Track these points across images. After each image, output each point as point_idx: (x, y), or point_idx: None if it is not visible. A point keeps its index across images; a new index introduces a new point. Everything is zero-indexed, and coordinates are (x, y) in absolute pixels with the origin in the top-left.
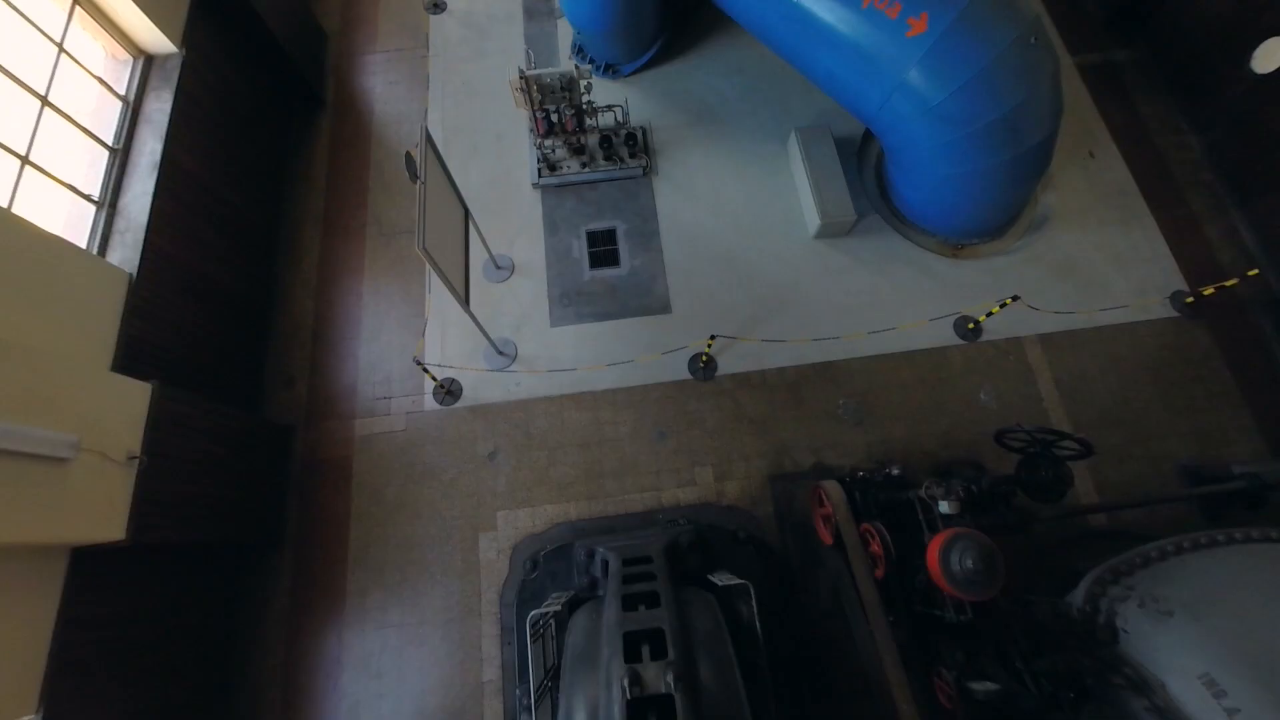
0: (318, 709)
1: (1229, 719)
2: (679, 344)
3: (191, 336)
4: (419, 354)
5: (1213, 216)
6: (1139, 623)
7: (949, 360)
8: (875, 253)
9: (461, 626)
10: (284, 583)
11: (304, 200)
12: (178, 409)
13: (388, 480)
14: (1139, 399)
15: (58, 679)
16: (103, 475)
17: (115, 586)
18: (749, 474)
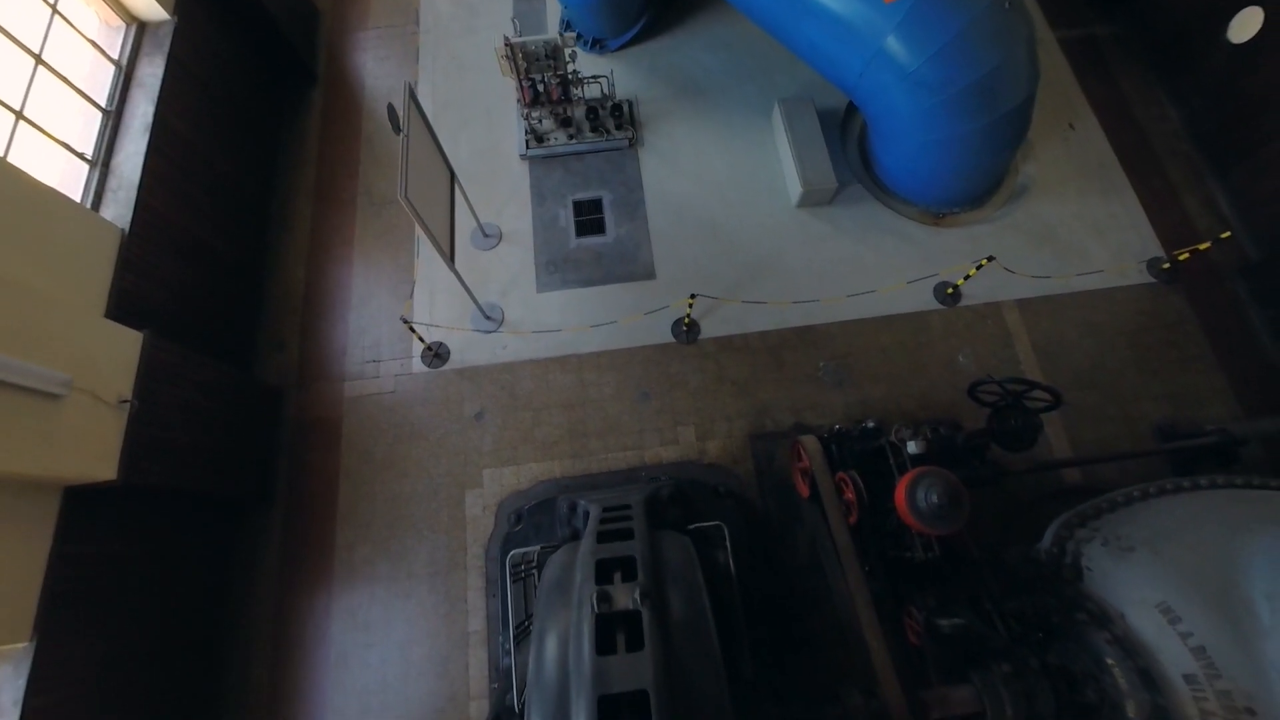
0: (307, 658)
1: (1183, 643)
2: (661, 299)
3: (183, 297)
4: (407, 313)
5: (1191, 186)
6: (1101, 560)
7: (928, 324)
8: (857, 221)
9: (447, 580)
10: (274, 538)
11: (296, 172)
12: (169, 359)
13: (376, 440)
14: (1115, 362)
15: (51, 611)
16: (94, 415)
17: (107, 527)
18: (730, 433)
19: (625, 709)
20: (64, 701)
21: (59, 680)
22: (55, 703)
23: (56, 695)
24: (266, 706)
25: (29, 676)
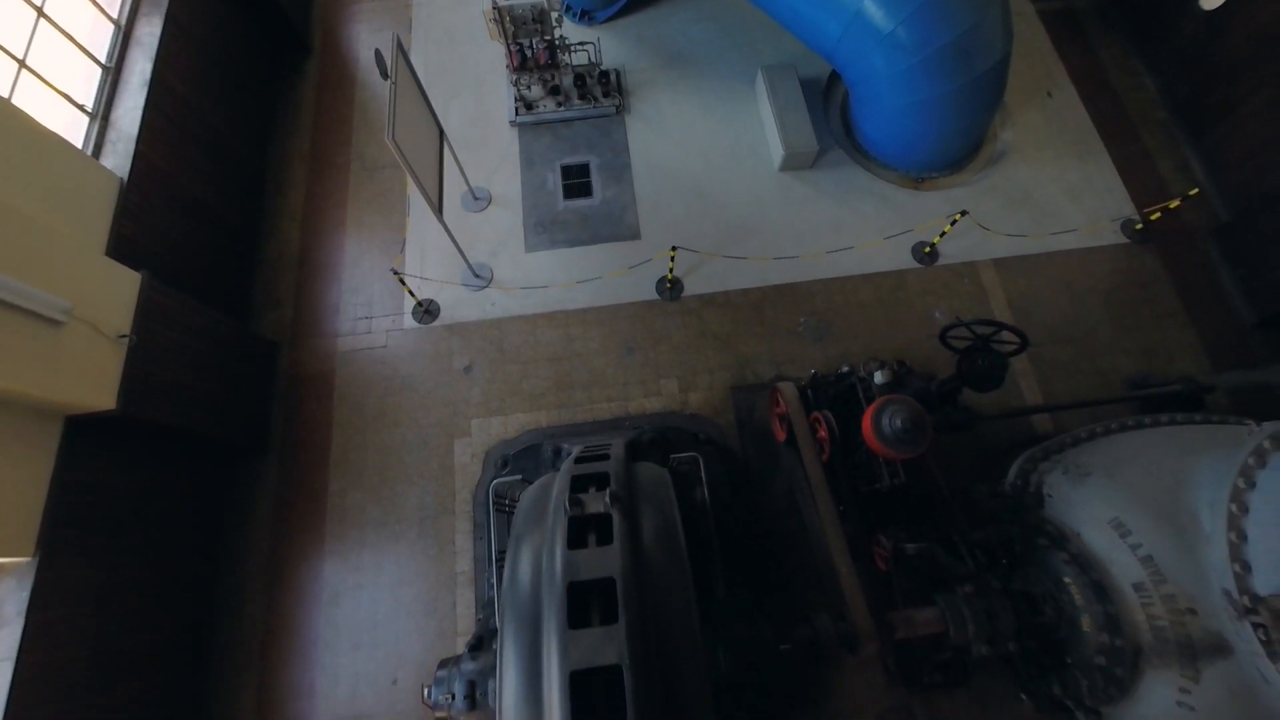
0: (300, 597)
1: (1133, 554)
2: (645, 256)
3: (180, 250)
4: (397, 266)
5: (1166, 152)
6: (1060, 486)
7: (906, 282)
8: (838, 185)
9: (436, 524)
10: (268, 485)
11: (290, 138)
12: (166, 302)
13: (368, 392)
14: (1088, 318)
15: (53, 532)
16: (94, 345)
17: (107, 459)
18: (712, 385)
19: (594, 598)
20: (64, 620)
21: (60, 599)
22: (56, 619)
23: (57, 612)
24: (260, 642)
25: (32, 590)
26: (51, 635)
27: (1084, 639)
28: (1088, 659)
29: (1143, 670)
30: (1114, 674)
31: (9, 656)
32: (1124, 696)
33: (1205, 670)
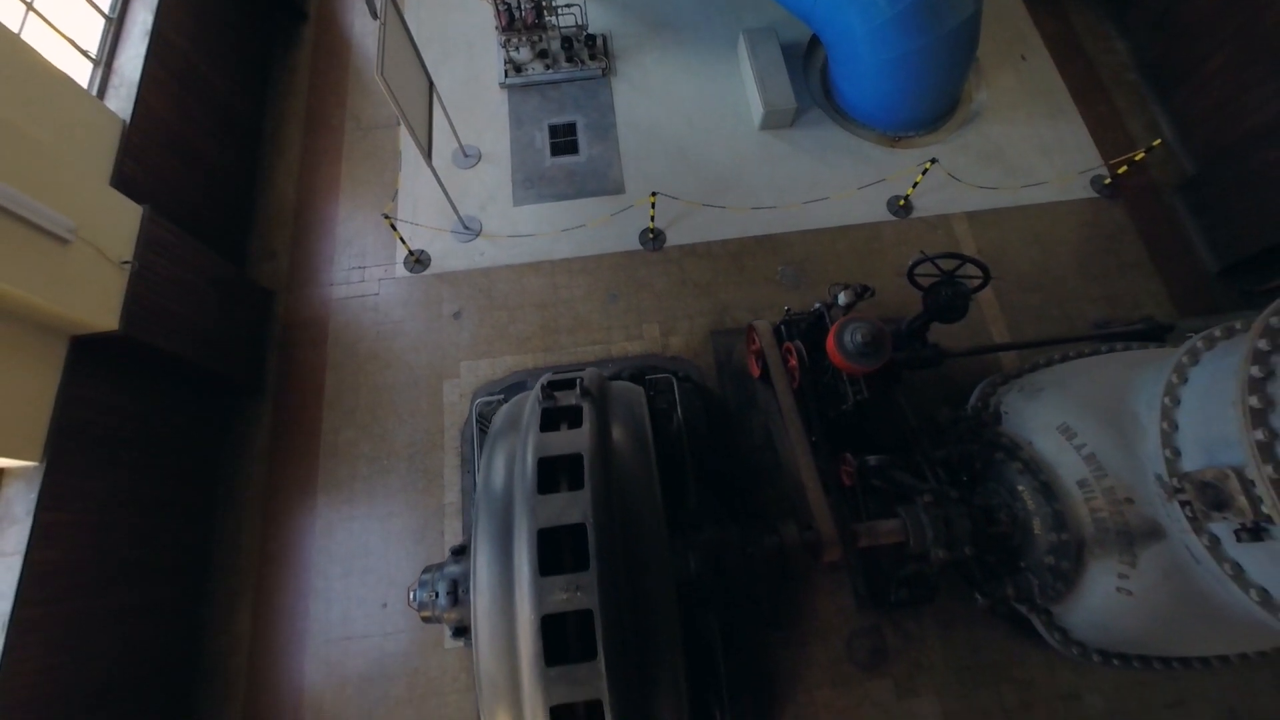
0: (294, 527)
1: (1077, 453)
2: (630, 215)
3: (180, 196)
4: (389, 212)
5: (1135, 112)
6: (1016, 403)
7: (881, 234)
8: (817, 143)
9: (425, 459)
10: (264, 423)
11: (286, 100)
12: (167, 237)
13: (361, 336)
14: (1057, 268)
15: (59, 441)
16: (97, 267)
17: (110, 380)
18: (692, 330)
19: (563, 474)
20: (69, 524)
21: (65, 504)
22: (62, 522)
23: (63, 516)
24: (255, 569)
25: (39, 493)
26: (57, 537)
27: (1035, 542)
28: (1039, 560)
29: (1086, 562)
30: (1061, 569)
31: (18, 551)
32: (1070, 590)
33: (1141, 554)
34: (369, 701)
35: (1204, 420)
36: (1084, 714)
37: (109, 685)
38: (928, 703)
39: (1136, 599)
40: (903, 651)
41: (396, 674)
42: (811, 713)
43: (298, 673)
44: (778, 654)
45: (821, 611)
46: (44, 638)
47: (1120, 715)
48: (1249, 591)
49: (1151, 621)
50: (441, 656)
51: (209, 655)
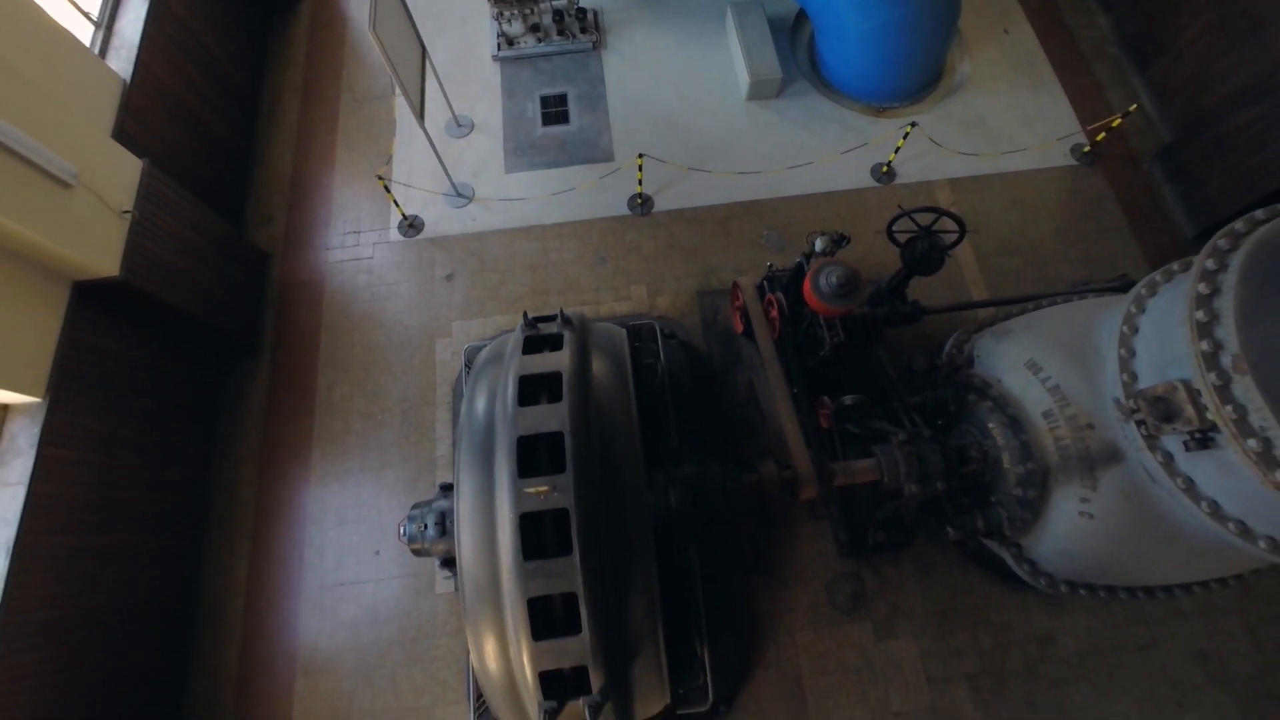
0: (290, 479)
1: (1043, 386)
2: (618, 179)
3: (179, 158)
4: (383, 173)
5: (1116, 84)
6: (987, 345)
7: (865, 200)
8: (802, 112)
9: (418, 414)
10: (260, 381)
11: (284, 72)
12: (167, 192)
13: (355, 298)
14: (1036, 232)
15: (61, 381)
16: (99, 214)
17: (110, 326)
18: (679, 291)
19: (543, 392)
20: (71, 461)
21: (67, 440)
22: (64, 458)
23: (65, 452)
24: (252, 519)
25: (42, 427)
26: (59, 472)
27: (1005, 476)
28: (1008, 494)
29: (1051, 489)
30: (1028, 498)
31: (22, 481)
32: (1036, 519)
33: (1101, 478)
34: (362, 644)
35: (1158, 344)
36: (1057, 656)
37: (109, 618)
38: (905, 644)
39: (1098, 522)
40: (881, 596)
41: (388, 618)
42: (792, 653)
43: (293, 617)
44: (759, 598)
45: (803, 558)
46: (47, 565)
47: (1092, 657)
48: (1200, 504)
49: (1113, 544)
50: (432, 601)
51: (207, 600)
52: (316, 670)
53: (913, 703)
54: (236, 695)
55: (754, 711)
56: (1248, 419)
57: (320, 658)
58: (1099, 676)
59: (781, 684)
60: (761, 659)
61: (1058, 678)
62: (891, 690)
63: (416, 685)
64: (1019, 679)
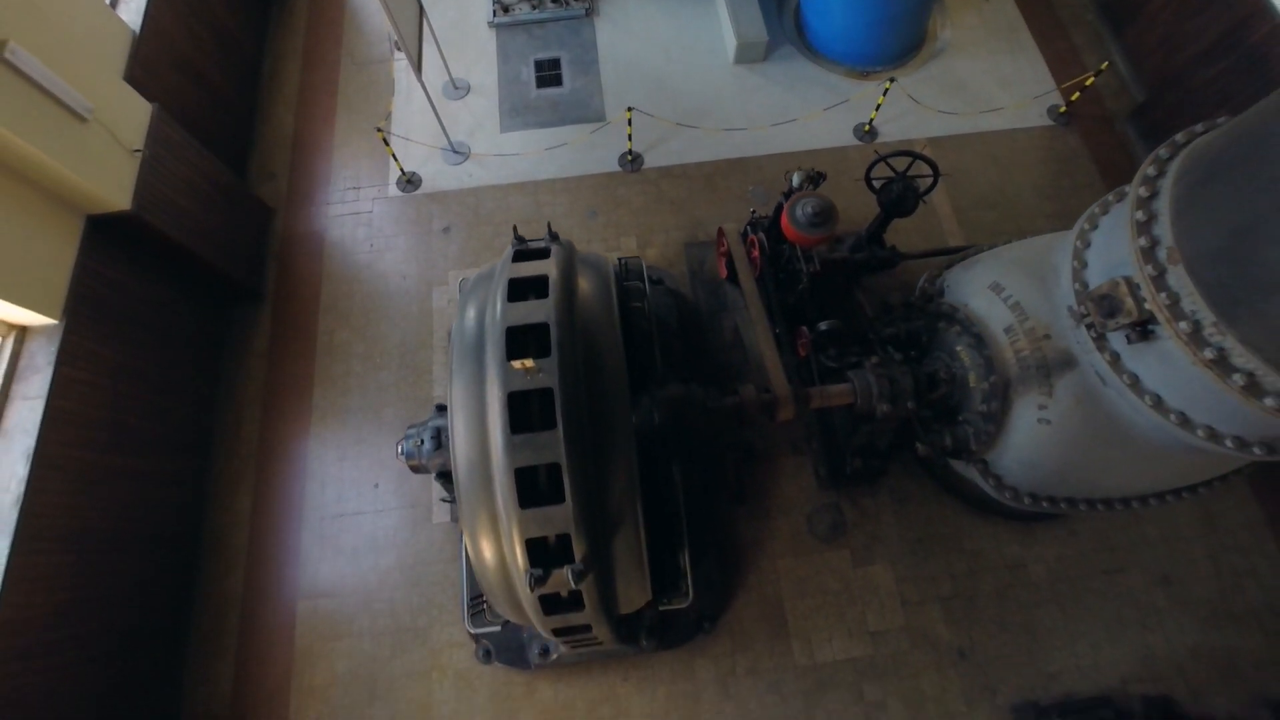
0: (292, 418)
1: (1004, 304)
2: (609, 138)
3: (185, 111)
4: (382, 126)
5: (1092, 49)
6: (956, 275)
7: (847, 156)
8: (787, 75)
9: (415, 357)
10: (263, 326)
11: (285, 38)
12: (175, 136)
13: (355, 249)
14: (1013, 187)
15: (76, 306)
16: (112, 149)
17: (123, 261)
18: (667, 242)
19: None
20: (85, 381)
21: (81, 362)
22: (79, 379)
23: (80, 373)
24: (255, 455)
25: (59, 347)
26: (74, 391)
27: (971, 395)
28: (974, 410)
29: (1012, 401)
30: (991, 410)
31: (40, 395)
32: (1000, 431)
33: (1057, 384)
34: (361, 570)
35: (1106, 252)
36: (1027, 581)
37: (121, 538)
38: (882, 570)
39: (1055, 427)
40: (859, 525)
41: (387, 546)
42: (773, 578)
43: (295, 546)
44: (742, 527)
45: (784, 490)
46: (64, 477)
47: (1061, 582)
48: (1144, 398)
49: (1069, 449)
50: (429, 531)
51: (211, 530)
52: (318, 595)
53: (888, 623)
54: (241, 617)
55: (737, 631)
56: (1180, 304)
57: (321, 583)
58: (1067, 600)
59: (763, 606)
60: (744, 583)
61: (1027, 601)
62: (868, 612)
63: (413, 608)
64: (990, 602)
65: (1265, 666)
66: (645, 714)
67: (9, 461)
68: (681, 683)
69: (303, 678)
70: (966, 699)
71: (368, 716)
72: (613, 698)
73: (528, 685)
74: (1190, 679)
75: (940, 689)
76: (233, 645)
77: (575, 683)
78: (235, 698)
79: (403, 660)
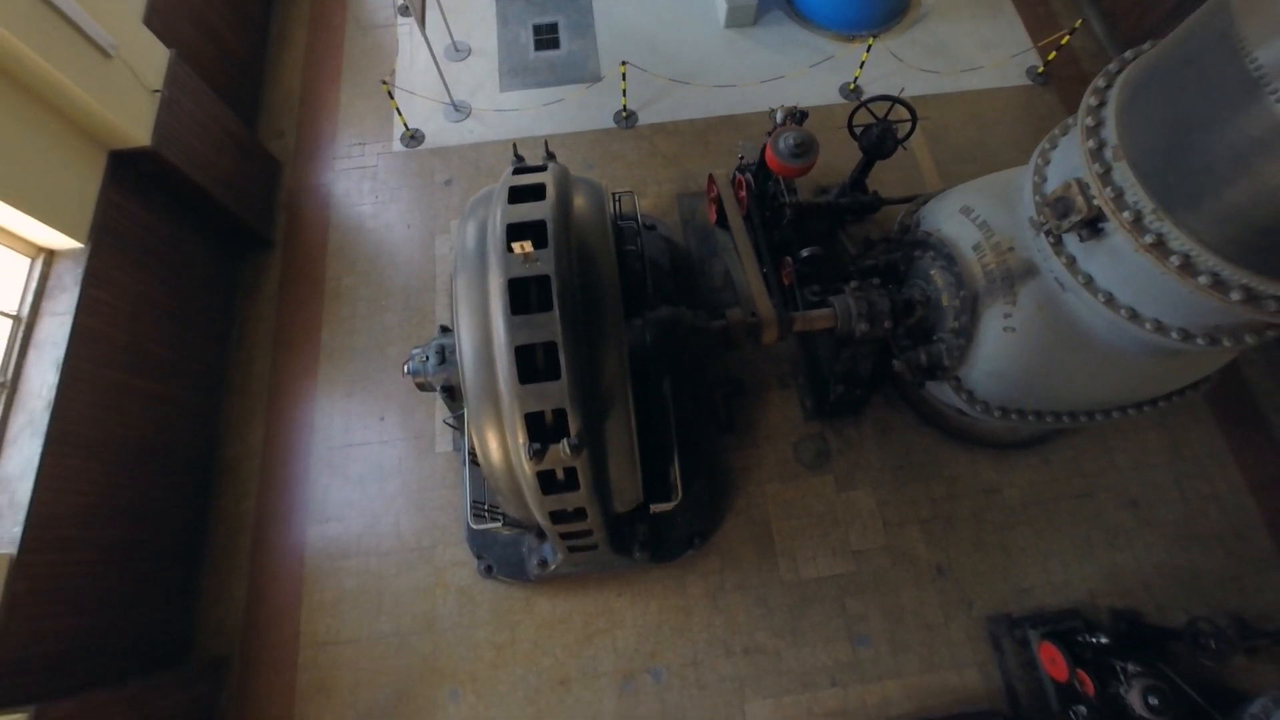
0: (301, 357)
1: (973, 224)
2: (605, 97)
3: (198, 63)
4: (387, 78)
5: (1069, 12)
6: (932, 205)
7: (833, 113)
8: (776, 38)
9: (418, 299)
10: (273, 272)
11: (292, 3)
12: (191, 82)
13: (361, 200)
14: (992, 143)
15: (100, 234)
16: (133, 87)
17: (142, 196)
18: (660, 194)
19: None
20: (109, 304)
21: (105, 286)
22: (102, 301)
23: (104, 296)
24: (266, 391)
25: (84, 270)
26: (98, 311)
27: (944, 314)
28: (947, 328)
29: (980, 314)
30: (961, 324)
31: (69, 312)
32: (970, 344)
33: (1020, 292)
34: (368, 496)
35: (1062, 165)
36: (1002, 504)
37: (141, 456)
38: (864, 494)
39: (1019, 334)
40: (843, 454)
41: (392, 473)
42: (760, 502)
43: (304, 474)
44: (731, 455)
45: (771, 421)
46: (90, 389)
47: (1034, 505)
48: (1098, 296)
49: (1033, 355)
50: (433, 459)
51: (225, 458)
52: (326, 519)
53: (870, 543)
54: (254, 538)
55: (726, 550)
56: (1124, 196)
57: (330, 508)
58: (1039, 521)
59: (751, 528)
60: (733, 507)
61: (1002, 522)
62: (851, 533)
63: (418, 530)
64: (967, 523)
65: (1227, 583)
66: (638, 626)
67: (40, 370)
68: (673, 597)
69: (312, 594)
70: (944, 611)
71: (374, 628)
72: (607, 611)
73: (527, 600)
74: (1156, 595)
75: (919, 602)
76: (245, 564)
77: (571, 598)
78: (248, 611)
79: (408, 578)
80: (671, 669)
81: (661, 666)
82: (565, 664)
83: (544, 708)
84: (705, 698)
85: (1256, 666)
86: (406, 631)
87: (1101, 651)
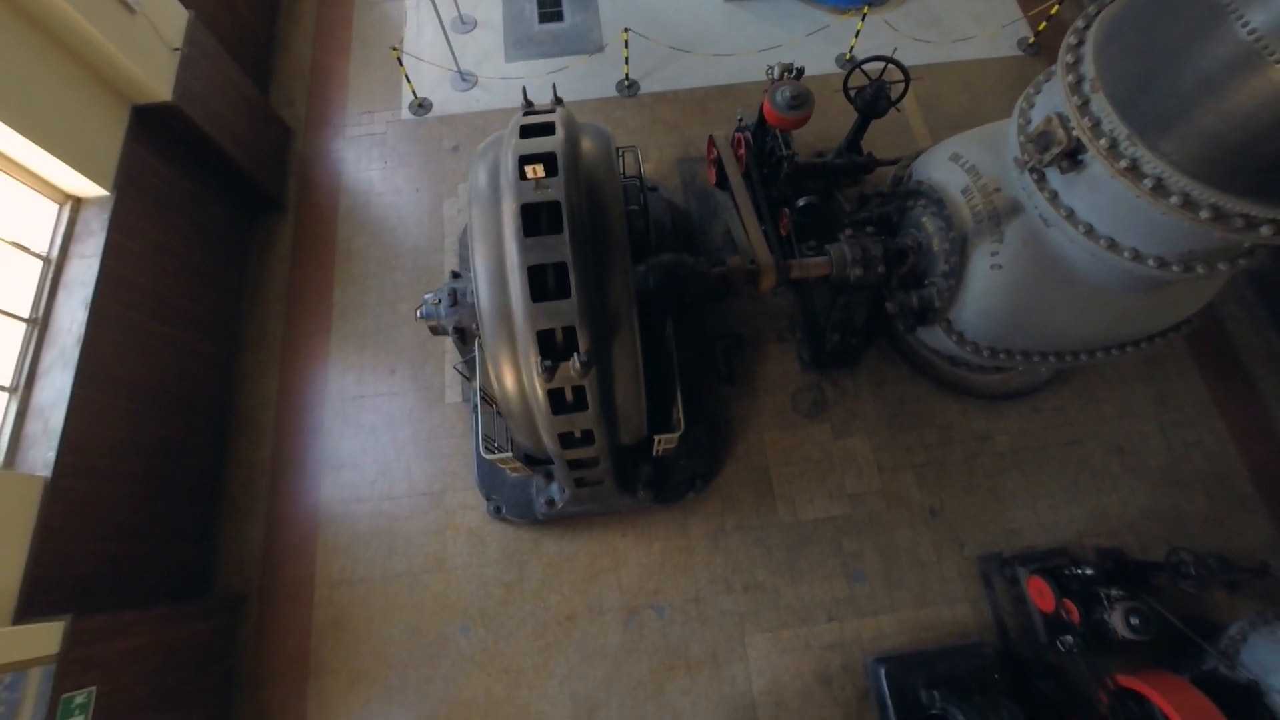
0: (313, 314)
1: (962, 169)
2: (607, 67)
3: (213, 29)
4: (397, 44)
5: None
6: (923, 159)
7: (830, 82)
8: (776, 12)
9: (427, 258)
10: (286, 234)
11: None
12: (208, 45)
13: (370, 165)
14: (984, 111)
15: (125, 181)
16: (156, 44)
17: (163, 151)
18: (661, 159)
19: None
20: (132, 252)
21: (128, 232)
22: (126, 248)
23: (127, 243)
24: (280, 345)
25: (110, 216)
26: (123, 255)
27: (935, 259)
28: (938, 274)
29: (969, 254)
30: (951, 266)
31: (96, 254)
32: (959, 284)
33: (1007, 230)
34: (380, 444)
35: (1044, 105)
36: (993, 451)
37: (164, 395)
38: (860, 441)
39: (1005, 270)
40: (839, 403)
41: (402, 423)
42: (760, 449)
43: (319, 423)
44: (731, 405)
45: (770, 373)
46: (116, 329)
47: (1024, 451)
48: (1079, 228)
49: (1020, 291)
50: (443, 410)
51: (241, 408)
52: (340, 465)
53: (865, 486)
54: (270, 483)
55: (726, 494)
56: (1101, 125)
57: (343, 455)
58: (1029, 467)
59: (750, 473)
60: (733, 453)
61: (993, 468)
62: (847, 477)
63: (428, 475)
64: (959, 468)
65: (1209, 525)
66: (641, 564)
67: (70, 307)
68: (675, 538)
69: (327, 536)
70: (937, 551)
71: (387, 567)
72: (612, 551)
73: (534, 540)
74: (1141, 535)
75: (913, 542)
76: (262, 508)
77: (577, 538)
78: (265, 552)
79: (419, 520)
80: (674, 605)
81: (665, 603)
82: (572, 600)
83: (551, 641)
84: (707, 632)
85: (1238, 602)
86: (418, 570)
87: (1087, 582)
